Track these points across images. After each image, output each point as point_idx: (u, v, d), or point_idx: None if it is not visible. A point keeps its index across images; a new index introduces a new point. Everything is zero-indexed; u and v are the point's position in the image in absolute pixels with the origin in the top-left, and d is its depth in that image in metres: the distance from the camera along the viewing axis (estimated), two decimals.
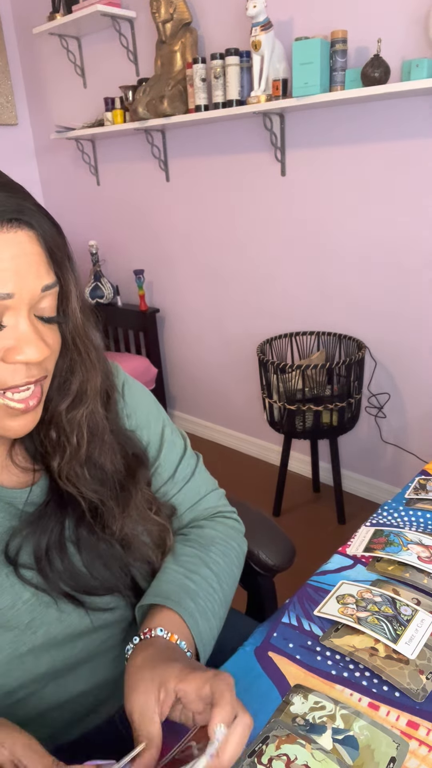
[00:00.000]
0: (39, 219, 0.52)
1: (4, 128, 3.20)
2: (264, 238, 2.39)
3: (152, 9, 2.25)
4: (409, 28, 1.74)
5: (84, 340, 0.60)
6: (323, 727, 0.56)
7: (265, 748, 0.54)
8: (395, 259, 2.02)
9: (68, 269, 0.56)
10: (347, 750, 0.54)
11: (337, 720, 0.57)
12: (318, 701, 0.60)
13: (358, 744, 0.54)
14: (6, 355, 0.52)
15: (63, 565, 0.61)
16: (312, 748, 0.54)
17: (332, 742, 0.54)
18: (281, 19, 2.02)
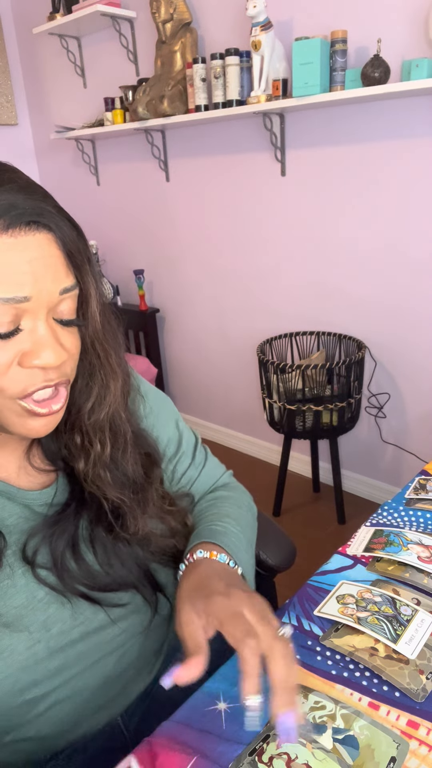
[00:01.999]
0: (58, 221, 0.51)
1: (4, 128, 3.20)
2: (264, 238, 2.39)
3: (152, 9, 2.25)
4: (409, 28, 1.74)
5: (104, 344, 0.60)
6: (323, 727, 0.56)
7: (266, 746, 0.54)
8: (395, 258, 2.02)
9: (88, 272, 0.56)
10: (347, 749, 0.54)
11: (337, 720, 0.57)
12: (318, 701, 0.60)
13: (359, 744, 0.54)
14: (23, 359, 0.51)
15: (79, 565, 0.62)
16: (312, 748, 0.54)
17: (332, 742, 0.54)
18: (281, 19, 2.02)
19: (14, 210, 0.48)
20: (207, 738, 0.56)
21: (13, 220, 0.48)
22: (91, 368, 0.60)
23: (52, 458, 0.66)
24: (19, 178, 0.52)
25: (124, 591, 0.66)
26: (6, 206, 0.48)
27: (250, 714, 0.48)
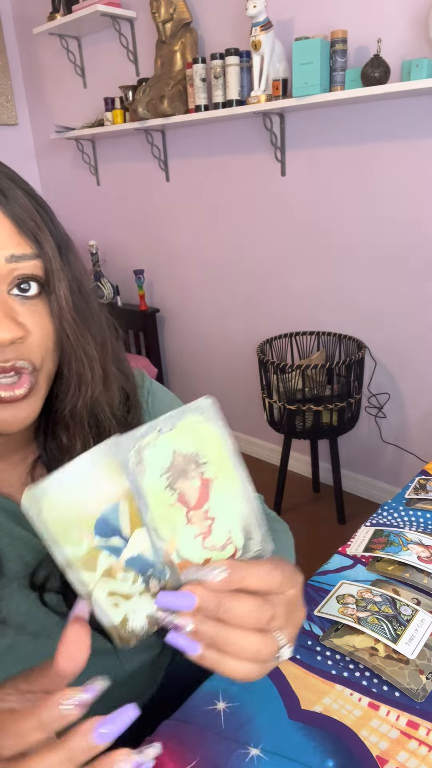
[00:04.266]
0: (3, 186, 0.48)
1: (4, 128, 3.20)
2: (264, 238, 2.39)
3: (152, 9, 2.25)
4: (409, 28, 1.74)
5: (74, 325, 0.53)
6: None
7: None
8: (395, 258, 2.02)
9: (49, 244, 0.51)
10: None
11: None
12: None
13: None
14: None
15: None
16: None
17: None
18: (281, 19, 2.02)
19: None
20: (207, 737, 0.56)
21: None
22: (64, 352, 0.54)
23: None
24: None
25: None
26: None
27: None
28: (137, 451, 0.36)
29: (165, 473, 0.36)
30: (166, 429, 0.37)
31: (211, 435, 0.38)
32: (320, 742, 0.56)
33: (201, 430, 0.38)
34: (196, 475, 0.38)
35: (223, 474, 0.39)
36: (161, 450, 0.36)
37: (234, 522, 0.40)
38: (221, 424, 0.39)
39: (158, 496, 0.36)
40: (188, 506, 0.38)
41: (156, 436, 0.36)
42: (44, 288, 0.51)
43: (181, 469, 0.37)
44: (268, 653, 0.40)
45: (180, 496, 0.37)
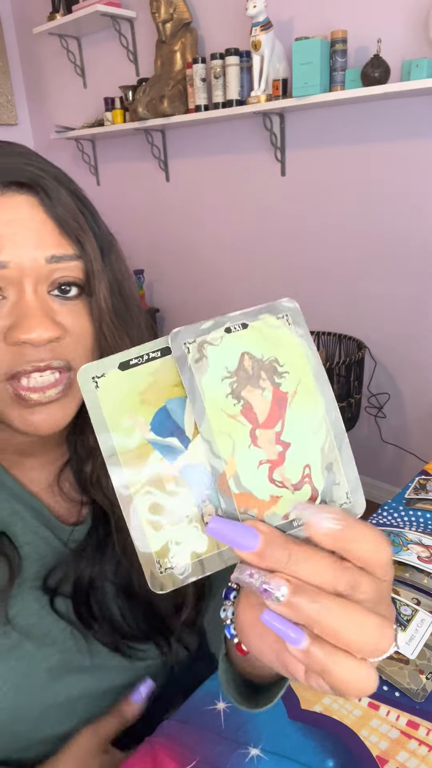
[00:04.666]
0: (47, 185, 0.47)
1: (4, 128, 3.20)
2: (264, 238, 2.39)
3: (152, 9, 2.25)
4: (409, 28, 1.74)
5: (112, 327, 0.52)
6: None
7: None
8: (395, 258, 2.02)
9: (91, 244, 0.50)
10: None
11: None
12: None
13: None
14: (8, 334, 0.46)
15: (100, 606, 0.57)
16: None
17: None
18: (281, 19, 2.02)
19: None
20: (207, 737, 0.56)
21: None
22: (102, 356, 0.51)
23: (81, 484, 0.59)
24: (10, 147, 0.49)
25: (145, 643, 0.59)
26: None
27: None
28: (198, 346, 0.30)
29: (229, 377, 0.30)
30: (236, 328, 0.31)
31: (291, 343, 0.32)
32: (320, 742, 0.56)
33: (280, 335, 0.32)
34: (269, 386, 0.31)
35: (304, 392, 0.31)
36: (227, 350, 0.31)
37: (314, 456, 0.31)
38: (306, 333, 0.33)
39: (218, 403, 0.30)
40: (255, 423, 0.30)
41: (221, 334, 0.31)
42: (84, 289, 0.50)
43: (249, 375, 0.30)
44: (387, 644, 0.29)
45: (245, 408, 0.30)
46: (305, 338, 0.32)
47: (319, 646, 0.29)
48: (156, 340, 0.30)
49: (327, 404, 0.32)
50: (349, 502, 0.32)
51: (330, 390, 0.32)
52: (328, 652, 0.29)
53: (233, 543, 0.29)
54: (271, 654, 0.35)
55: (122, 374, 0.30)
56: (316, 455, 0.31)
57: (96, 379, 0.30)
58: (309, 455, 0.31)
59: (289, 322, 0.32)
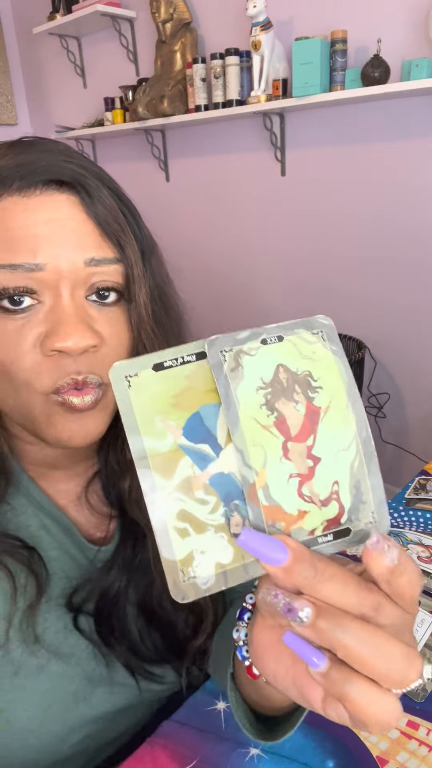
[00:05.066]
0: (89, 184, 0.44)
1: (4, 128, 3.20)
2: (264, 238, 2.39)
3: (152, 9, 2.25)
4: (409, 28, 1.74)
5: (152, 336, 0.49)
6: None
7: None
8: (395, 258, 2.02)
9: (132, 248, 0.47)
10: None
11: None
12: None
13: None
14: (44, 342, 0.43)
15: (121, 626, 0.56)
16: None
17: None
18: (281, 19, 2.02)
19: (29, 167, 0.43)
20: (207, 738, 0.56)
21: (28, 179, 0.43)
22: None
23: (109, 495, 0.58)
24: (50, 144, 0.47)
25: (162, 666, 0.58)
26: (22, 165, 0.43)
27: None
28: (235, 355, 0.30)
29: (263, 388, 0.30)
30: (272, 340, 0.31)
31: (326, 359, 0.32)
32: (320, 742, 0.56)
33: (315, 350, 0.32)
34: (302, 400, 0.31)
35: (337, 408, 0.31)
36: (263, 361, 0.30)
37: (343, 472, 0.31)
38: (340, 350, 0.32)
39: (251, 412, 0.30)
40: (287, 435, 0.30)
41: (257, 345, 0.30)
42: (123, 295, 0.47)
43: (284, 387, 0.30)
44: (414, 674, 0.27)
45: (278, 420, 0.30)
46: (339, 355, 0.32)
47: (340, 670, 0.28)
48: (191, 343, 0.30)
49: (358, 422, 0.32)
50: (374, 522, 0.32)
51: (362, 408, 0.32)
52: (350, 678, 0.27)
53: (262, 556, 0.28)
54: (287, 679, 0.34)
55: (155, 375, 0.29)
56: (345, 472, 0.31)
57: (129, 377, 0.29)
58: (338, 472, 0.31)
59: (324, 339, 0.32)
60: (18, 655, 0.50)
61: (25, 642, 0.50)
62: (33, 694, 0.51)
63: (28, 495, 0.54)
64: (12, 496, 0.53)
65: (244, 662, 0.40)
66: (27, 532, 0.53)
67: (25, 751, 0.52)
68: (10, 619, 0.50)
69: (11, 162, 0.44)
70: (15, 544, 0.51)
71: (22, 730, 0.50)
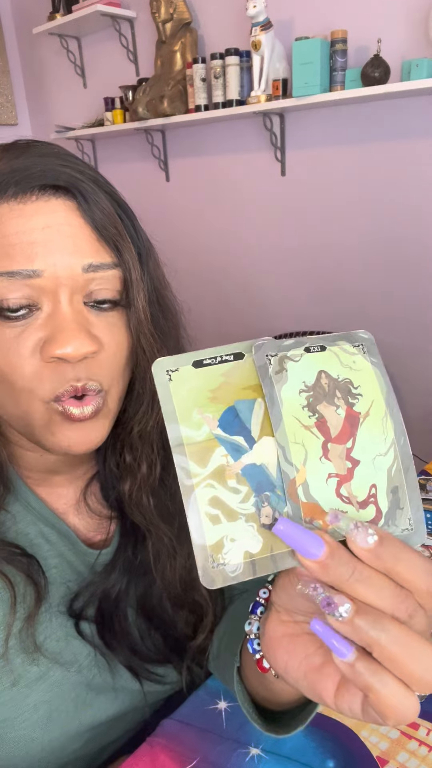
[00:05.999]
0: (85, 188, 0.44)
1: (4, 128, 3.20)
2: (264, 238, 2.39)
3: (152, 9, 2.25)
4: (409, 28, 1.74)
5: (151, 340, 0.49)
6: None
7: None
8: (395, 259, 2.02)
9: (129, 252, 0.47)
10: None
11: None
12: None
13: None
14: (43, 350, 0.43)
15: (122, 628, 0.56)
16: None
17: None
18: (281, 19, 2.02)
19: (25, 173, 0.42)
20: (207, 737, 0.56)
21: (23, 185, 0.42)
22: (138, 368, 0.50)
23: (107, 498, 0.58)
24: (46, 148, 0.46)
25: (163, 666, 0.58)
26: (18, 170, 0.43)
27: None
28: (280, 360, 0.31)
29: (306, 391, 0.31)
30: (315, 349, 0.32)
31: (366, 369, 0.33)
32: (320, 742, 0.56)
33: (356, 360, 0.33)
34: (342, 405, 0.32)
35: (376, 415, 0.32)
36: (305, 367, 0.32)
37: (381, 477, 0.32)
38: (380, 362, 0.34)
39: (294, 412, 0.31)
40: (327, 436, 0.31)
41: (301, 352, 0.32)
42: (122, 299, 0.47)
43: (325, 392, 0.32)
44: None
45: (319, 422, 0.31)
46: (379, 367, 0.34)
47: (367, 662, 0.28)
48: (229, 345, 0.32)
49: (396, 430, 0.33)
50: (410, 529, 0.32)
51: (400, 418, 0.34)
52: (377, 671, 0.28)
53: (299, 548, 0.29)
54: (298, 672, 0.34)
55: (195, 371, 0.31)
56: (383, 477, 0.32)
57: (170, 372, 0.31)
58: (376, 476, 0.32)
59: (365, 351, 0.34)
60: (18, 664, 0.50)
61: (26, 651, 0.50)
62: (34, 704, 0.51)
63: (26, 503, 0.54)
64: (10, 504, 0.53)
65: (254, 655, 0.40)
66: (26, 539, 0.53)
67: (27, 760, 0.52)
68: (10, 629, 0.50)
69: (6, 167, 0.43)
70: (14, 552, 0.51)
71: (23, 739, 0.50)
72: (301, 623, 0.36)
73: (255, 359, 0.31)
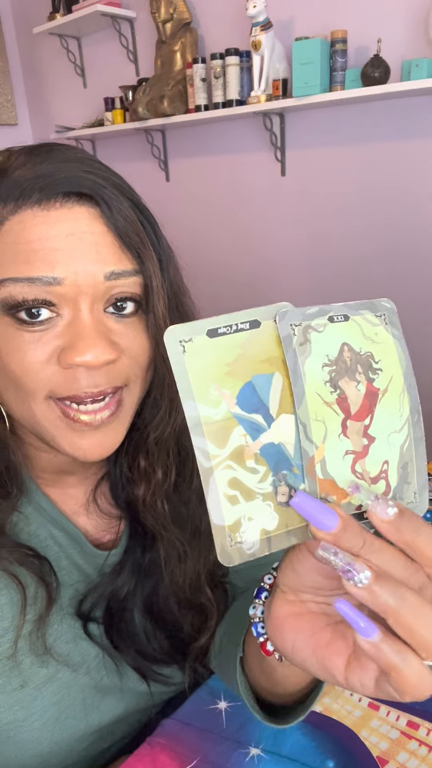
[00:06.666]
0: (109, 195, 0.44)
1: (4, 128, 3.20)
2: (263, 238, 2.39)
3: (152, 9, 2.25)
4: (409, 28, 1.74)
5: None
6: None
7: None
8: (395, 258, 2.02)
9: (150, 259, 0.46)
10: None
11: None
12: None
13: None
14: (62, 356, 0.43)
15: (129, 629, 0.56)
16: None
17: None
18: (281, 19, 2.02)
19: (49, 179, 0.42)
20: (207, 737, 0.56)
21: (47, 191, 0.42)
22: (157, 375, 0.50)
23: (117, 498, 0.58)
24: (69, 152, 0.46)
25: (168, 666, 0.59)
26: (42, 176, 0.42)
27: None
28: (304, 330, 0.30)
29: (329, 365, 0.31)
30: (338, 318, 0.31)
31: (387, 342, 0.33)
32: (320, 742, 0.56)
33: (378, 332, 0.32)
34: (363, 380, 0.32)
35: (394, 391, 0.32)
36: (329, 338, 0.31)
37: (393, 453, 0.32)
38: (400, 334, 0.33)
39: (316, 388, 0.30)
40: (347, 413, 0.31)
41: (324, 321, 0.31)
42: (141, 306, 0.47)
43: (347, 366, 0.31)
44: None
45: (340, 398, 0.31)
46: (400, 339, 0.33)
47: (392, 642, 0.29)
48: (243, 311, 0.31)
49: (412, 406, 0.33)
50: (415, 501, 0.33)
51: (416, 393, 0.34)
52: (400, 650, 0.29)
53: (314, 520, 0.29)
54: (306, 650, 0.35)
55: (209, 341, 0.30)
56: (396, 453, 0.33)
57: (183, 343, 0.29)
58: (390, 452, 0.32)
59: (386, 322, 0.33)
60: (27, 666, 0.50)
61: (35, 653, 0.50)
62: (43, 706, 0.51)
63: (37, 505, 0.55)
64: (23, 506, 0.53)
65: (258, 639, 0.41)
66: (37, 541, 0.54)
67: (35, 761, 0.52)
68: (20, 630, 0.50)
69: (30, 172, 0.43)
70: (27, 554, 0.51)
71: (32, 740, 0.51)
72: (308, 602, 0.36)
73: (279, 328, 0.30)
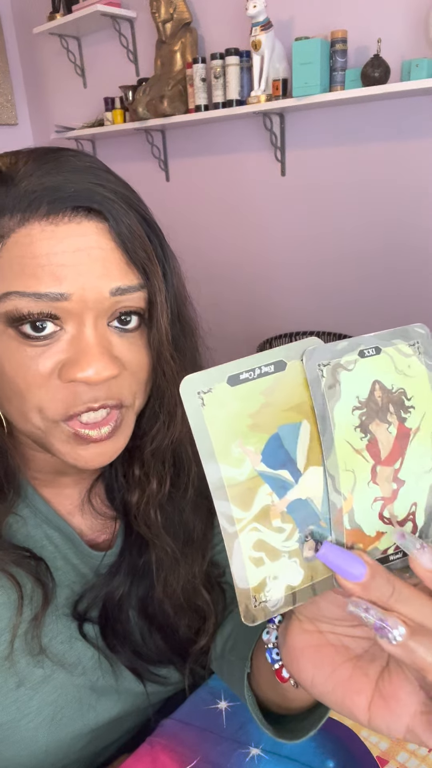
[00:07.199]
0: (117, 210, 0.43)
1: (4, 128, 3.20)
2: (263, 238, 2.39)
3: (152, 9, 2.25)
4: (409, 28, 1.74)
5: (171, 362, 0.48)
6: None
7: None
8: (395, 258, 2.02)
9: (155, 274, 0.46)
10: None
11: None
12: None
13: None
14: (63, 371, 0.42)
15: (124, 630, 0.56)
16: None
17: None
18: (281, 19, 2.02)
19: (57, 193, 0.41)
20: (207, 737, 0.56)
21: (55, 205, 0.41)
22: (156, 388, 0.50)
23: (112, 499, 0.58)
24: (78, 160, 0.45)
25: (165, 667, 0.59)
26: (48, 189, 0.41)
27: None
28: (333, 370, 0.28)
29: (359, 408, 0.29)
30: (370, 352, 0.29)
31: (420, 375, 0.31)
32: (321, 743, 0.56)
33: (410, 364, 0.30)
34: (395, 421, 0.30)
35: (425, 430, 0.31)
36: (360, 377, 0.29)
37: (422, 494, 0.31)
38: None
39: (346, 435, 0.29)
40: (377, 459, 0.30)
41: (355, 357, 0.29)
42: (144, 320, 0.47)
43: (378, 407, 0.29)
44: None
45: (371, 443, 0.29)
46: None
47: (420, 639, 0.28)
48: (267, 351, 0.28)
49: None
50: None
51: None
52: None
53: (341, 571, 0.28)
54: (326, 685, 0.34)
55: (230, 390, 0.27)
56: (424, 494, 0.31)
57: (202, 394, 0.27)
58: (419, 494, 0.31)
59: (420, 351, 0.31)
60: (23, 666, 0.50)
61: (31, 653, 0.51)
62: (38, 706, 0.51)
63: (33, 506, 0.55)
64: (19, 507, 0.54)
65: (273, 665, 0.40)
66: (34, 542, 0.54)
67: (31, 761, 0.52)
68: (16, 630, 0.50)
69: (38, 184, 0.42)
70: (23, 555, 0.51)
71: (27, 740, 0.51)
72: (326, 633, 0.35)
73: (306, 369, 0.28)
